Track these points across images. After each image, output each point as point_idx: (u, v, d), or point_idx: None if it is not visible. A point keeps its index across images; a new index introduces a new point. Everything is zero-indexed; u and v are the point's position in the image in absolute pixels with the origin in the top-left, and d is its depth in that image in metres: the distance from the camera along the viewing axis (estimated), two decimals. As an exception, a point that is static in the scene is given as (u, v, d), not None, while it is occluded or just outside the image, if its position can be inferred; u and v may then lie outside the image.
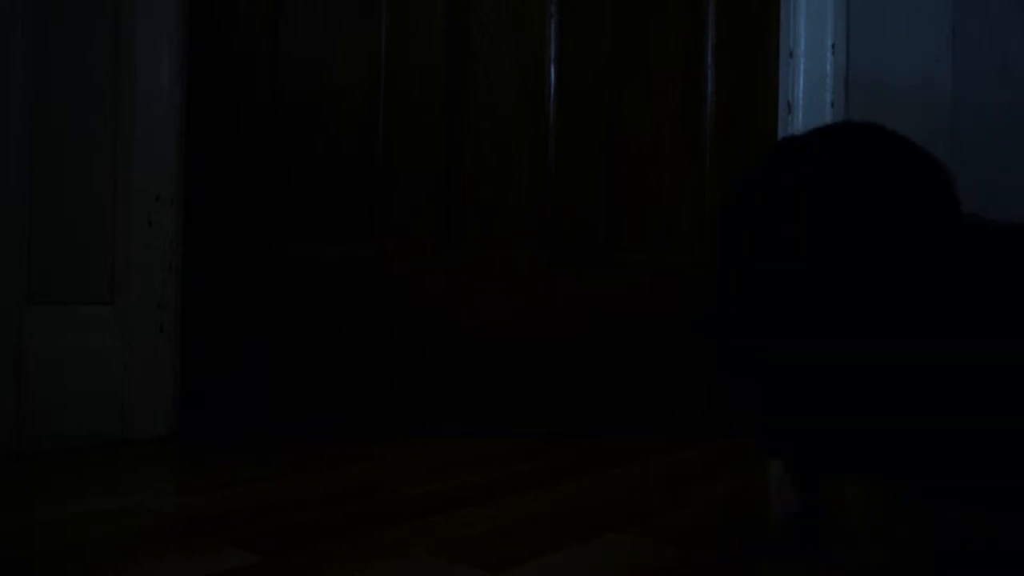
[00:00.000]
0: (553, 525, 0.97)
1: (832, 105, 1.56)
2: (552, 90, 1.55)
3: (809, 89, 1.57)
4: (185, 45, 1.43)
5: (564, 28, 1.55)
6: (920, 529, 0.96)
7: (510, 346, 1.52)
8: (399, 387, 1.49)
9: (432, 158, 1.52)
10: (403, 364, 1.50)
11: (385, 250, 1.51)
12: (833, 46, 1.57)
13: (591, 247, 1.56)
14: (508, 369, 1.51)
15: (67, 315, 1.32)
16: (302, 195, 1.49)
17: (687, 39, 1.60)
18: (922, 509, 1.03)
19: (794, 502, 0.96)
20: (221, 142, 1.47)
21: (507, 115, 1.55)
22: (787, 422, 0.84)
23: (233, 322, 1.47)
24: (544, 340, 1.52)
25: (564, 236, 1.55)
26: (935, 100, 1.62)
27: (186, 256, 1.44)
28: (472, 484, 1.15)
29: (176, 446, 1.35)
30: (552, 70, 1.55)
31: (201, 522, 0.94)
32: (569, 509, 1.04)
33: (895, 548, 0.89)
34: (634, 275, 1.57)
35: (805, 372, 0.80)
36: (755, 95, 1.61)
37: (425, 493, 1.09)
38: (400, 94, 1.51)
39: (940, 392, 0.77)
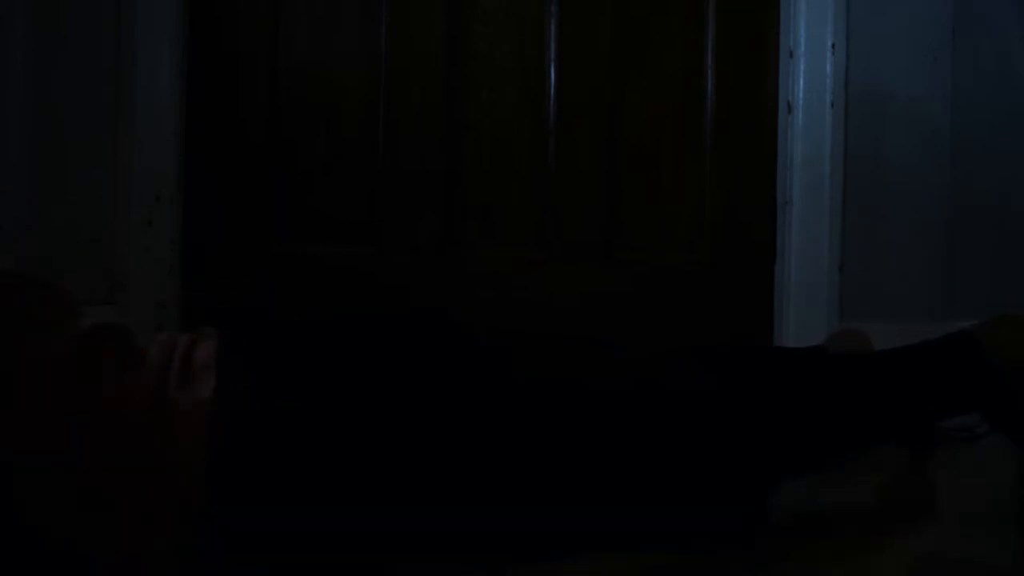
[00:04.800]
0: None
1: (832, 105, 1.56)
2: (552, 90, 1.55)
3: (809, 89, 1.57)
4: (185, 45, 1.43)
5: (564, 28, 1.55)
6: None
7: (510, 346, 1.51)
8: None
9: (432, 158, 1.52)
10: (403, 364, 1.49)
11: (385, 249, 1.51)
12: (833, 46, 1.57)
13: (591, 246, 1.56)
14: (508, 369, 1.51)
15: (67, 315, 1.32)
16: (302, 195, 1.49)
17: (687, 39, 1.60)
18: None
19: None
20: (221, 142, 1.47)
21: (507, 115, 1.55)
22: None
23: (233, 322, 1.47)
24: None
25: (564, 235, 1.55)
26: (935, 100, 1.62)
27: (186, 256, 1.44)
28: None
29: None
30: (552, 70, 1.55)
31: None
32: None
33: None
34: (634, 274, 1.57)
35: None
36: (755, 95, 1.61)
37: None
38: (400, 94, 1.51)
39: None
